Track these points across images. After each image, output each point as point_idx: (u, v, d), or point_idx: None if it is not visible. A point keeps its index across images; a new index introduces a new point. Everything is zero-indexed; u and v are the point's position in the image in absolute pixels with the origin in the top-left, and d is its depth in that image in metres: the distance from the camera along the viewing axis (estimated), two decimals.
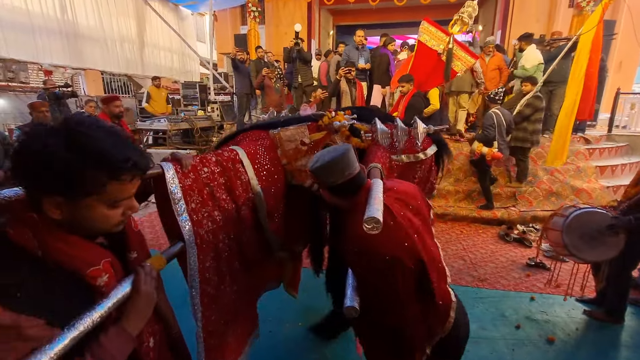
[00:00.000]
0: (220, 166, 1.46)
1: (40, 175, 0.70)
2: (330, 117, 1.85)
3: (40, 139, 0.70)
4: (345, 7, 8.91)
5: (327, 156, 1.19)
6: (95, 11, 7.78)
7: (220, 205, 1.41)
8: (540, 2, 8.05)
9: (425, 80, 4.87)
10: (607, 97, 7.30)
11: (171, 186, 1.23)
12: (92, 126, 0.74)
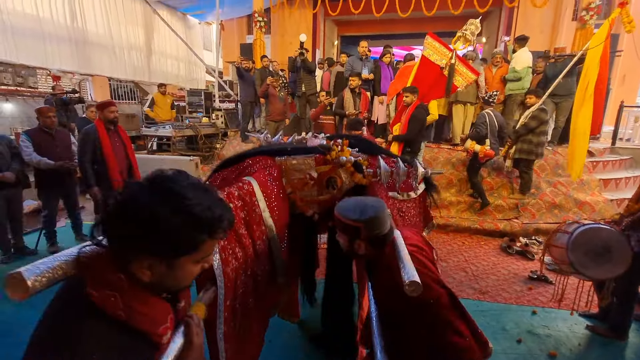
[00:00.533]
0: (242, 201, 1.46)
1: (142, 238, 0.68)
2: (337, 151, 1.92)
3: (141, 201, 0.68)
4: (349, 18, 9.03)
5: (372, 208, 1.24)
6: (105, 19, 7.96)
7: (240, 241, 1.40)
8: (544, 15, 8.12)
9: (427, 92, 4.95)
10: (611, 110, 7.29)
11: None
12: (189, 186, 0.73)
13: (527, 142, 4.50)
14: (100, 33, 7.88)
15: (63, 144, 3.68)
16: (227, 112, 7.91)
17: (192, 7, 10.25)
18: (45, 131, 3.58)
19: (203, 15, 10.99)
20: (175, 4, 9.86)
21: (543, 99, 4.36)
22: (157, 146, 7.02)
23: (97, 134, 3.40)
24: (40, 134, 3.56)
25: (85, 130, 3.47)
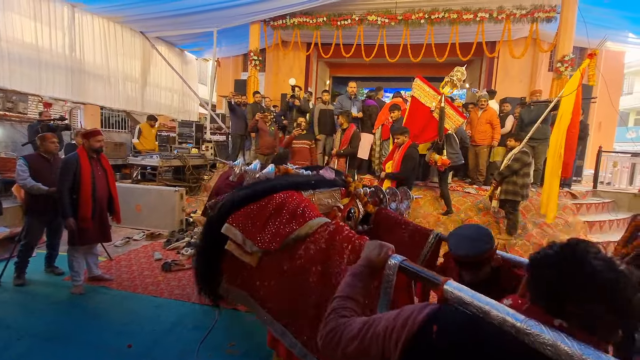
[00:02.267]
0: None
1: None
2: (355, 183, 2.20)
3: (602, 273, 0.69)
4: (341, 60, 9.48)
5: (480, 241, 1.39)
6: (104, 51, 8.16)
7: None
8: (523, 65, 8.67)
9: (419, 133, 5.17)
10: (591, 155, 7.58)
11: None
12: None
13: (512, 184, 4.57)
14: (97, 63, 8.03)
15: (54, 170, 3.59)
16: (217, 144, 7.95)
17: (190, 44, 10.67)
18: (43, 157, 3.57)
19: (201, 52, 11.42)
20: (174, 41, 10.25)
21: (524, 142, 4.50)
22: (142, 175, 6.90)
23: (79, 163, 3.31)
24: (39, 160, 3.55)
25: (66, 158, 3.40)
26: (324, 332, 0.90)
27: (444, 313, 0.81)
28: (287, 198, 1.79)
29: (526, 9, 7.20)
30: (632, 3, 6.92)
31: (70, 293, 3.36)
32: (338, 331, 0.87)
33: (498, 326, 0.78)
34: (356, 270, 1.02)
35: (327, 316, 0.92)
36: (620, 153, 8.37)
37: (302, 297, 1.51)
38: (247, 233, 1.74)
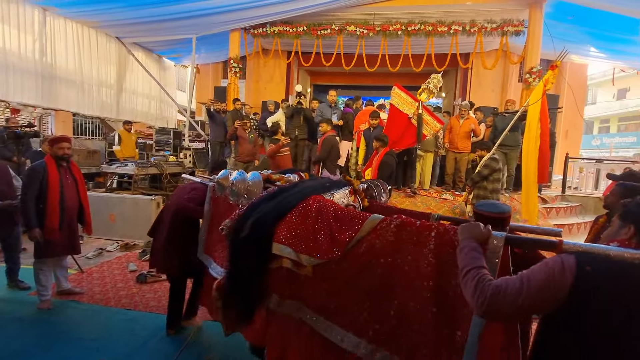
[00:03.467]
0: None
1: None
2: (355, 181, 2.46)
3: None
4: (321, 69, 9.59)
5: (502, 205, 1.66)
6: (77, 56, 7.92)
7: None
8: (495, 76, 9.08)
9: (398, 140, 5.29)
10: (559, 161, 7.99)
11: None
12: None
13: (483, 189, 4.74)
14: (69, 69, 7.78)
15: (3, 180, 3.40)
16: (196, 152, 7.82)
17: (168, 51, 10.52)
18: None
19: (179, 58, 11.27)
20: (151, 47, 10.08)
21: (493, 150, 4.70)
22: (118, 184, 6.68)
23: (46, 171, 3.17)
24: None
25: (32, 166, 3.24)
26: (485, 295, 1.05)
27: (585, 258, 1.07)
28: (321, 203, 1.79)
29: (496, 22, 7.57)
30: (594, 20, 7.42)
31: (37, 309, 3.19)
32: (500, 291, 1.05)
33: (622, 260, 1.04)
34: (472, 246, 1.22)
35: (476, 284, 1.08)
36: (586, 159, 8.87)
37: (369, 291, 1.54)
38: (297, 247, 1.69)
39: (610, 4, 6.58)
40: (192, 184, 2.88)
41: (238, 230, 1.82)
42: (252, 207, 1.91)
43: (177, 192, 2.95)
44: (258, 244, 1.74)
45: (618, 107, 21.57)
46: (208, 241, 2.55)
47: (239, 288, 1.81)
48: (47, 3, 7.00)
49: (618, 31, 7.53)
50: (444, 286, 1.36)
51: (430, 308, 1.36)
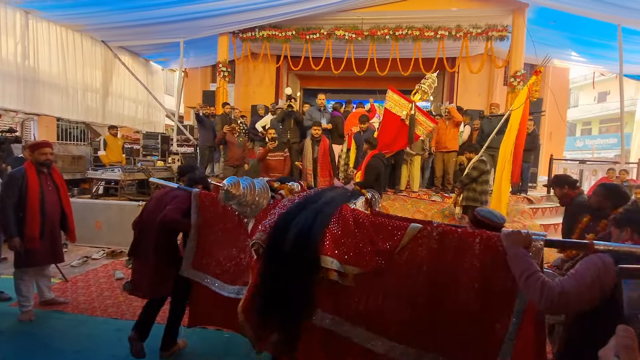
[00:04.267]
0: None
1: None
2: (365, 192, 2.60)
3: None
4: (311, 73, 9.63)
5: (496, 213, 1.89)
6: (61, 60, 7.75)
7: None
8: (481, 80, 9.26)
9: (391, 142, 5.31)
10: (544, 162, 8.18)
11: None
12: None
13: (472, 191, 4.81)
14: (53, 73, 7.60)
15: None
16: (184, 156, 7.72)
17: (156, 55, 10.40)
18: None
19: (167, 62, 11.15)
20: (138, 50, 9.95)
21: (481, 152, 4.78)
22: (105, 190, 6.54)
23: (25, 178, 3.08)
24: None
25: (11, 173, 3.14)
26: (554, 295, 1.29)
27: (615, 258, 1.31)
28: (355, 213, 1.83)
29: (481, 27, 7.73)
30: (574, 25, 7.65)
31: (18, 320, 3.08)
32: (565, 291, 1.29)
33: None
34: (523, 252, 1.43)
35: (541, 287, 1.32)
36: (570, 160, 9.11)
37: (411, 298, 1.61)
38: (342, 259, 1.67)
39: (590, 10, 6.80)
40: (171, 192, 2.63)
41: (277, 244, 1.72)
42: (286, 218, 1.79)
43: (155, 203, 2.63)
44: (305, 257, 1.67)
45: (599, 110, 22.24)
46: (198, 255, 2.40)
47: (280, 306, 1.69)
48: (30, 6, 6.85)
49: (597, 36, 7.79)
50: (487, 287, 1.52)
51: (475, 308, 1.52)
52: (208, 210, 2.37)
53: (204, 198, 2.44)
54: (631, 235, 1.51)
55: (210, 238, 2.38)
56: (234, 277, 2.19)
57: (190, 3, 6.95)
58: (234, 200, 2.07)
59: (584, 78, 20.21)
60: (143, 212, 2.73)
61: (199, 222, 2.40)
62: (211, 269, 2.32)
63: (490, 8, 7.74)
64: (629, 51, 7.44)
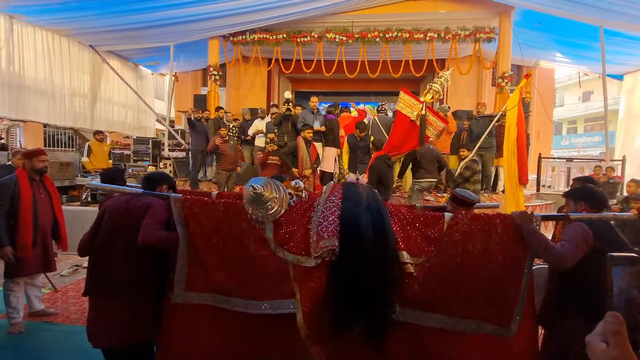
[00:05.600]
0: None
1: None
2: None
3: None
4: (302, 76, 9.64)
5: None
6: (47, 65, 7.61)
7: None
8: (469, 81, 9.40)
9: (400, 144, 5.13)
10: (532, 161, 8.32)
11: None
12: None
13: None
14: (39, 78, 7.45)
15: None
16: (176, 161, 7.64)
17: (145, 59, 10.29)
18: None
19: (157, 66, 11.04)
20: (127, 55, 9.82)
21: (474, 152, 4.84)
22: (92, 197, 6.42)
23: (17, 186, 3.01)
24: None
25: (2, 181, 3.06)
26: (566, 256, 1.74)
27: (588, 224, 1.86)
28: (397, 207, 2.07)
29: (469, 30, 7.87)
30: (559, 27, 7.86)
31: (7, 333, 2.99)
32: (571, 253, 1.75)
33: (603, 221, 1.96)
34: (533, 228, 1.85)
35: (558, 251, 1.77)
36: (557, 159, 9.30)
37: (453, 277, 1.87)
38: (409, 251, 1.86)
39: (573, 12, 6.98)
40: (136, 200, 2.06)
41: (355, 246, 1.74)
42: (354, 221, 1.80)
43: (116, 217, 2.05)
44: (387, 255, 1.78)
45: (584, 109, 22.81)
46: (192, 274, 1.98)
47: (365, 306, 1.73)
48: (14, 10, 6.71)
49: (581, 38, 8.00)
50: (505, 258, 1.87)
51: (499, 276, 1.87)
52: (198, 218, 1.98)
53: (190, 204, 2.01)
54: (585, 207, 2.00)
55: (208, 251, 1.98)
56: (263, 291, 1.89)
57: (179, 7, 6.91)
58: (265, 205, 1.89)
59: (568, 78, 20.71)
60: (96, 232, 2.10)
61: (187, 234, 1.98)
62: (219, 287, 1.96)
63: (477, 10, 7.89)
64: (611, 52, 7.66)
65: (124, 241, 1.98)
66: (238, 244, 1.95)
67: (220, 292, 1.96)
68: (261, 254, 1.90)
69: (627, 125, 9.62)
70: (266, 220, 1.92)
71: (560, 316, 1.92)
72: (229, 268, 1.96)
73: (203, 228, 1.98)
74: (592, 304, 1.72)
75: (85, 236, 2.15)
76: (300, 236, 1.88)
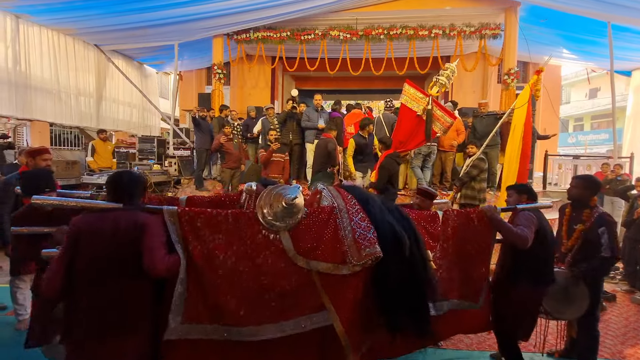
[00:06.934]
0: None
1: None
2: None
3: None
4: (306, 74, 9.63)
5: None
6: (53, 65, 7.66)
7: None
8: (475, 78, 9.33)
9: (407, 140, 5.02)
10: (539, 159, 8.24)
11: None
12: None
13: (471, 189, 4.82)
14: (45, 78, 7.51)
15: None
16: (181, 160, 7.67)
17: (150, 58, 10.32)
18: None
19: (161, 65, 11.08)
20: (132, 54, 9.87)
21: (481, 150, 4.78)
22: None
23: None
24: None
25: (6, 179, 3.10)
26: (528, 238, 2.21)
27: (533, 212, 2.42)
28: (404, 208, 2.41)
29: (474, 26, 7.79)
30: (565, 23, 7.74)
31: (14, 329, 3.03)
32: (529, 236, 2.22)
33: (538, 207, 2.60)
34: (500, 218, 2.32)
35: (520, 234, 2.21)
36: (564, 156, 9.20)
37: (448, 264, 2.25)
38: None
39: (580, 7, 6.88)
40: (130, 217, 1.68)
41: (396, 251, 1.84)
42: (389, 227, 1.89)
43: (109, 242, 1.63)
44: (423, 255, 1.98)
45: (590, 106, 22.53)
46: (192, 303, 1.69)
47: (409, 303, 1.87)
48: (21, 10, 6.76)
49: (588, 33, 7.89)
50: (480, 245, 2.33)
51: (476, 259, 2.33)
52: (200, 234, 1.71)
53: (190, 217, 1.71)
54: (526, 199, 2.54)
55: (213, 272, 1.71)
56: (284, 310, 1.74)
57: (184, 5, 6.91)
58: (296, 215, 1.78)
59: (575, 75, 20.46)
60: (70, 264, 1.64)
61: (186, 254, 1.69)
62: (227, 314, 1.69)
63: (483, 7, 7.81)
64: (618, 48, 7.54)
65: (116, 273, 1.63)
66: (251, 260, 1.73)
67: (228, 322, 1.69)
68: (280, 267, 1.74)
69: (635, 123, 9.49)
70: (281, 230, 1.76)
71: (514, 284, 2.38)
72: (240, 290, 1.70)
73: (207, 245, 1.71)
74: (537, 271, 2.35)
75: (51, 273, 1.64)
76: (328, 244, 1.80)
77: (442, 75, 4.87)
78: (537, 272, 2.33)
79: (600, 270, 2.55)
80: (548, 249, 2.37)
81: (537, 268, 2.32)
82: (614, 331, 3.34)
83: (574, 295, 2.43)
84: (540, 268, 2.34)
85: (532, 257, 2.28)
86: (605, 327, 3.31)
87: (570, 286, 2.43)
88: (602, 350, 2.88)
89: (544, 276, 2.36)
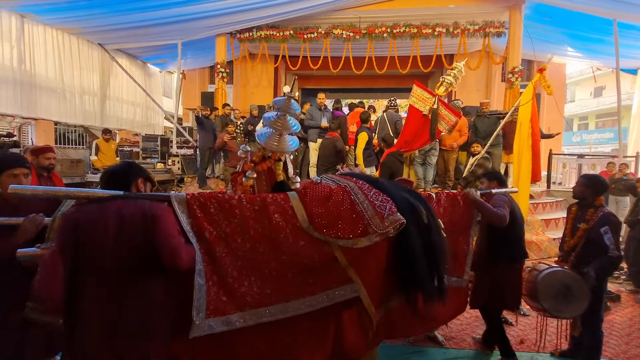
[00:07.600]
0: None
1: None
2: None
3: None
4: (309, 72, 9.62)
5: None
6: (57, 64, 7.71)
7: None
8: (479, 76, 9.28)
9: (411, 140, 5.07)
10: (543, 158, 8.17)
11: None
12: None
13: (475, 188, 4.79)
14: (50, 77, 7.56)
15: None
16: (184, 158, 7.70)
17: (153, 57, 10.36)
18: None
19: (164, 64, 11.11)
20: (135, 53, 9.91)
21: (485, 148, 4.76)
22: None
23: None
24: None
25: None
26: (505, 216, 2.52)
27: (504, 195, 2.77)
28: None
29: (478, 24, 7.75)
30: (571, 21, 7.68)
31: None
32: (505, 214, 2.52)
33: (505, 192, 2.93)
34: (481, 200, 2.57)
35: (499, 213, 2.50)
36: (568, 155, 9.15)
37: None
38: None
39: (585, 5, 6.83)
40: (136, 207, 1.47)
41: (416, 220, 1.94)
42: (401, 196, 1.97)
43: (115, 237, 1.42)
44: (437, 224, 2.10)
45: (595, 105, 22.36)
46: (214, 293, 1.60)
47: (432, 266, 1.97)
48: (26, 10, 6.80)
49: (593, 31, 7.82)
50: (463, 223, 2.59)
51: (461, 237, 2.60)
52: (214, 220, 1.64)
53: (201, 203, 1.63)
54: (496, 185, 2.82)
55: (232, 257, 1.66)
56: (308, 285, 1.78)
57: (187, 4, 6.93)
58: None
59: (580, 73, 20.31)
60: (70, 266, 1.41)
61: (201, 244, 1.60)
62: (251, 299, 1.67)
63: (487, 5, 7.76)
64: (624, 46, 7.48)
65: (128, 271, 1.43)
66: (272, 240, 1.71)
67: (253, 305, 1.67)
68: (300, 244, 1.74)
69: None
70: (297, 207, 1.77)
71: (493, 261, 2.67)
72: (264, 269, 1.71)
73: (223, 230, 1.64)
74: (513, 249, 2.68)
75: (49, 275, 1.37)
76: (346, 221, 1.80)
77: (449, 75, 4.86)
78: (511, 250, 2.67)
79: (609, 270, 2.55)
80: (518, 230, 2.73)
81: (510, 247, 2.65)
82: (619, 331, 3.33)
83: (574, 295, 2.42)
84: (513, 247, 2.68)
85: (505, 237, 2.61)
86: (609, 328, 3.30)
87: (573, 285, 2.43)
88: (606, 351, 2.88)
89: (517, 253, 2.72)
